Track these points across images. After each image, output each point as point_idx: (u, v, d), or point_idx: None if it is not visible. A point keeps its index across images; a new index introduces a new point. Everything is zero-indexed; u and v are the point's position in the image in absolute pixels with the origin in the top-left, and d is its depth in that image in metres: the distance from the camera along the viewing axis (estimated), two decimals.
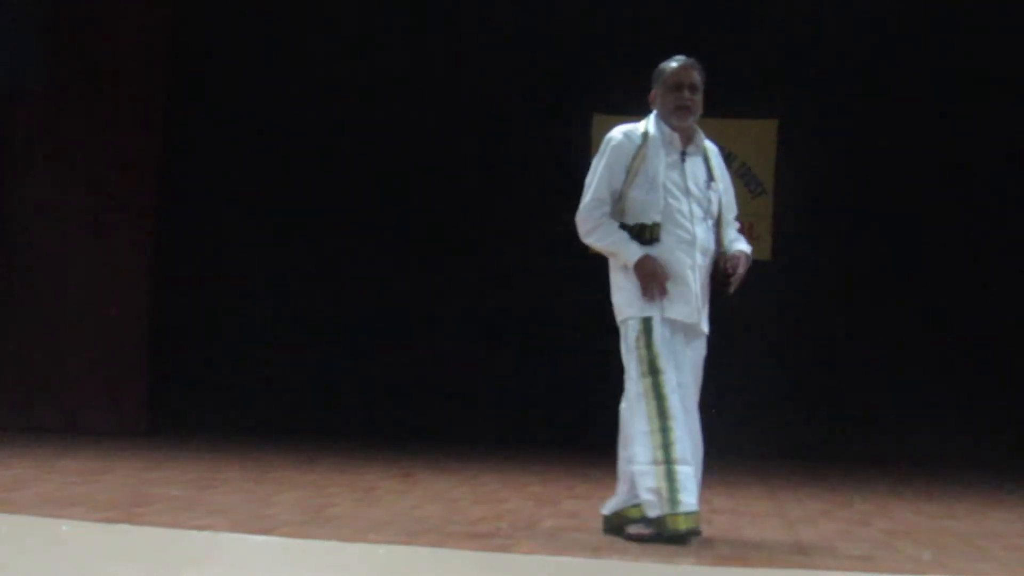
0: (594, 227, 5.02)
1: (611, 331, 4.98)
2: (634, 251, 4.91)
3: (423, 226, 10.35)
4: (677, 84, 4.99)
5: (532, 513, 5.61)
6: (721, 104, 5.30)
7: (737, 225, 5.25)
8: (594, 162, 5.07)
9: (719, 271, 5.04)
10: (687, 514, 4.69)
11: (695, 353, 5.01)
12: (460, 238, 10.31)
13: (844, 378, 9.93)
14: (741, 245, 5.12)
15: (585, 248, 10.22)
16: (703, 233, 4.98)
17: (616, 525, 4.99)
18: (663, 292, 4.87)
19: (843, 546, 5.03)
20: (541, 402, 10.00)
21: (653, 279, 4.86)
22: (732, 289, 5.02)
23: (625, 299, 4.97)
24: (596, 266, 9.88)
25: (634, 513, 4.88)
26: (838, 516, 6.17)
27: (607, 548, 4.64)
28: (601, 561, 4.36)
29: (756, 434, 9.27)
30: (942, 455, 9.44)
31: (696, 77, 5.02)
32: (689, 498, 4.70)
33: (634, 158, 4.96)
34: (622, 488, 4.97)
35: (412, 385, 10.18)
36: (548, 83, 10.20)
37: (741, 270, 4.99)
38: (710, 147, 5.16)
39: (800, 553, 4.77)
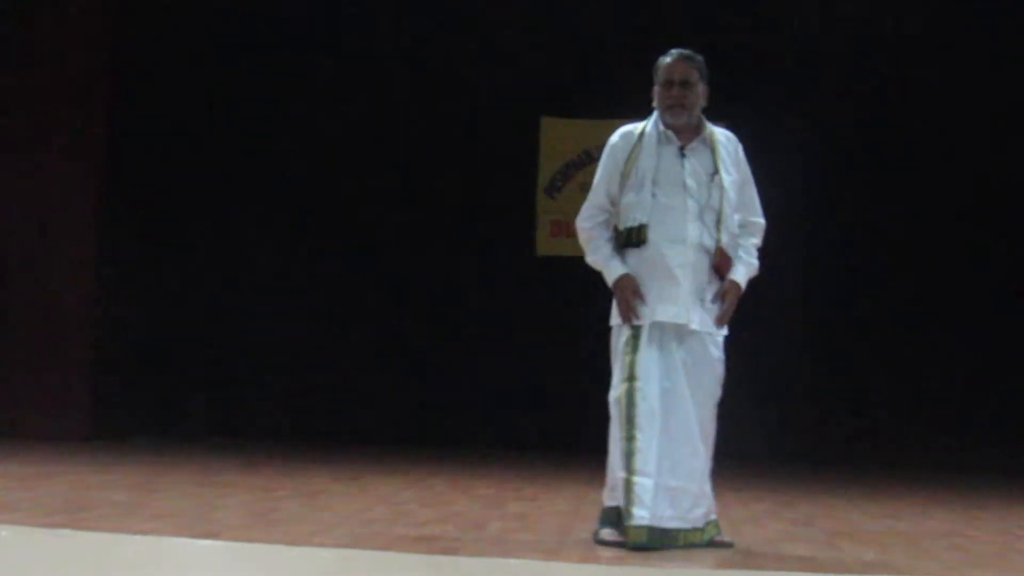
0: (586, 241, 4.98)
1: (563, 334, 4.95)
2: (614, 269, 4.84)
3: (379, 230, 10.32)
4: (667, 81, 4.90)
5: (479, 516, 5.60)
6: None
7: (754, 239, 5.01)
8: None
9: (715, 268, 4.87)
10: (637, 528, 4.62)
11: (689, 354, 4.83)
12: (416, 240, 10.29)
13: (787, 381, 10.00)
14: (738, 271, 4.92)
15: (532, 249, 10.16)
16: (697, 229, 4.81)
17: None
18: (636, 315, 4.78)
19: (787, 547, 5.06)
20: (490, 405, 9.99)
21: (627, 300, 4.79)
22: (719, 324, 4.89)
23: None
24: (555, 268, 9.96)
25: (610, 515, 4.85)
26: (782, 517, 6.21)
27: (553, 550, 4.65)
28: (547, 563, 4.37)
29: None
30: (885, 456, 9.54)
31: (689, 72, 4.89)
32: (641, 511, 4.61)
33: (628, 159, 4.86)
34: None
35: (360, 388, 10.14)
36: (497, 86, 10.19)
37: (725, 305, 4.87)
38: (720, 138, 4.97)
39: (744, 554, 4.80)
